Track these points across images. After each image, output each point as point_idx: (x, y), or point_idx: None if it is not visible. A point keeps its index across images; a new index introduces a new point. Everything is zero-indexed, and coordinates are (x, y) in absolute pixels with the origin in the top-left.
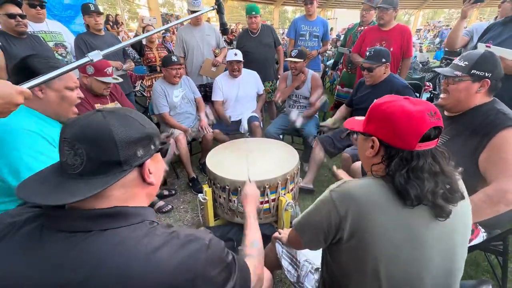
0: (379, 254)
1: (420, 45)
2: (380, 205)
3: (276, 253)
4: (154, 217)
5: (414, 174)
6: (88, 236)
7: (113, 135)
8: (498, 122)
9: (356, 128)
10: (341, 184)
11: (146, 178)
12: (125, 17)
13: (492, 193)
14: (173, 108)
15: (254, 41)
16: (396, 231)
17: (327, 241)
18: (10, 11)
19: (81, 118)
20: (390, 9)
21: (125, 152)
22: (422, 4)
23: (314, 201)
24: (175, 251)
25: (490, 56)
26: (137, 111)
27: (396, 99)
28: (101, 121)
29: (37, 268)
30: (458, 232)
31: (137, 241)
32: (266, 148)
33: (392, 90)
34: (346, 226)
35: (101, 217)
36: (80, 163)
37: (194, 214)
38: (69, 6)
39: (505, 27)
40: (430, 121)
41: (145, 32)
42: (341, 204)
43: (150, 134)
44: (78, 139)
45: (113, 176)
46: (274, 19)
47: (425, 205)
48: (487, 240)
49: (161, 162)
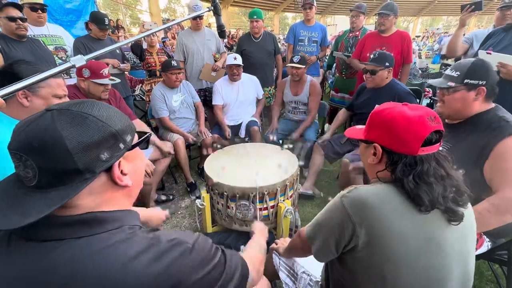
0: (398, 261)
1: (419, 51)
2: (396, 211)
3: (273, 265)
4: (136, 221)
5: (421, 179)
6: (61, 244)
7: (64, 142)
8: (501, 130)
9: (357, 136)
10: (352, 190)
11: (118, 181)
12: (126, 23)
13: (497, 202)
14: (172, 113)
15: (255, 46)
16: (414, 237)
17: (339, 249)
18: (11, 14)
19: (28, 122)
20: (390, 15)
21: (84, 159)
22: (420, 11)
23: (314, 207)
24: (155, 258)
25: (480, 63)
26: (103, 104)
27: (395, 106)
28: (49, 125)
29: (7, 280)
30: (469, 236)
31: (113, 249)
32: (265, 154)
33: (394, 95)
34: (361, 234)
35: (73, 224)
36: (32, 176)
37: (192, 220)
38: (70, 10)
39: (506, 34)
40: (430, 125)
41: (146, 38)
42: (355, 210)
43: (116, 132)
44: (24, 150)
45: (75, 186)
46: (274, 25)
47: (438, 210)
48: (492, 250)
49: (139, 159)
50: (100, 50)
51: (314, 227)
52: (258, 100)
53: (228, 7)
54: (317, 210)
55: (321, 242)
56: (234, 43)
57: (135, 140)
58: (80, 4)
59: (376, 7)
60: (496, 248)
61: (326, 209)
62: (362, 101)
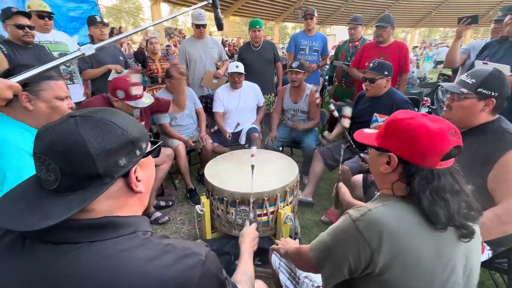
0: (415, 283)
1: (417, 61)
2: (413, 232)
3: (273, 265)
4: (147, 227)
5: (438, 195)
6: (76, 248)
7: (87, 147)
8: (505, 142)
9: (368, 142)
10: (366, 212)
11: (134, 187)
12: (129, 30)
13: (501, 212)
14: (173, 119)
15: (255, 54)
16: (430, 257)
17: (353, 275)
18: (20, 22)
19: (52, 127)
20: (388, 27)
21: (104, 164)
22: (418, 22)
23: (313, 214)
24: (169, 265)
25: (498, 75)
26: (120, 112)
27: (415, 116)
28: (73, 130)
29: (20, 281)
30: (475, 252)
31: (128, 253)
32: (265, 160)
33: (392, 104)
34: (379, 260)
35: (89, 228)
36: (54, 179)
37: (191, 226)
38: (74, 18)
39: (501, 46)
40: (452, 140)
41: (149, 45)
42: (372, 236)
43: (133, 139)
44: (48, 154)
45: (94, 191)
46: (274, 35)
47: (451, 226)
48: (492, 258)
49: (151, 167)
50: (111, 39)
51: (322, 252)
52: (259, 108)
53: (229, 16)
54: (316, 217)
55: (332, 267)
56: (234, 51)
57: (149, 148)
58: (84, 12)
59: (375, 18)
60: (497, 256)
61: (334, 232)
62: (361, 109)
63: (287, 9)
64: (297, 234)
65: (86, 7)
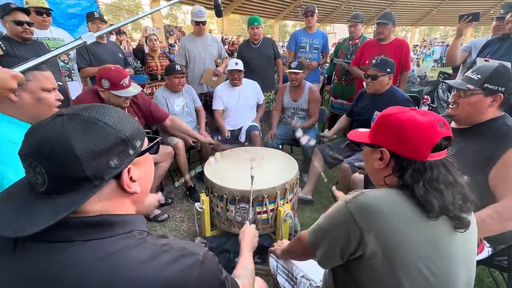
0: (407, 269)
1: (417, 60)
2: (405, 218)
3: (271, 267)
4: (144, 226)
5: (431, 186)
6: (70, 246)
7: (73, 148)
8: (508, 140)
9: (361, 140)
10: (358, 195)
11: (127, 188)
12: (128, 28)
13: (502, 210)
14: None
15: (255, 52)
16: (423, 244)
17: (344, 257)
18: (19, 18)
19: (39, 127)
20: (389, 24)
21: (93, 166)
22: (418, 21)
23: (313, 212)
24: (165, 265)
25: (504, 69)
26: (112, 109)
27: (404, 110)
28: (59, 131)
29: (14, 281)
30: (472, 243)
31: (124, 253)
32: (265, 158)
33: (393, 102)
34: (369, 241)
35: (84, 226)
36: (42, 182)
37: (191, 224)
38: (73, 15)
39: (502, 43)
40: (440, 131)
41: (148, 42)
42: (362, 217)
43: (125, 138)
44: (35, 156)
45: (83, 193)
46: (274, 33)
47: (445, 216)
48: (492, 255)
49: (149, 164)
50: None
51: (317, 233)
52: (259, 105)
53: (229, 14)
54: (316, 215)
55: (326, 248)
56: (234, 49)
57: (145, 145)
58: (83, 9)
59: (375, 16)
60: (496, 254)
61: (329, 214)
62: (362, 107)
63: (287, 7)
64: (297, 232)
65: (85, 4)
